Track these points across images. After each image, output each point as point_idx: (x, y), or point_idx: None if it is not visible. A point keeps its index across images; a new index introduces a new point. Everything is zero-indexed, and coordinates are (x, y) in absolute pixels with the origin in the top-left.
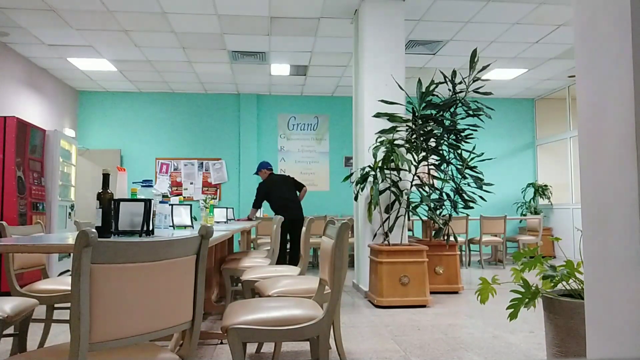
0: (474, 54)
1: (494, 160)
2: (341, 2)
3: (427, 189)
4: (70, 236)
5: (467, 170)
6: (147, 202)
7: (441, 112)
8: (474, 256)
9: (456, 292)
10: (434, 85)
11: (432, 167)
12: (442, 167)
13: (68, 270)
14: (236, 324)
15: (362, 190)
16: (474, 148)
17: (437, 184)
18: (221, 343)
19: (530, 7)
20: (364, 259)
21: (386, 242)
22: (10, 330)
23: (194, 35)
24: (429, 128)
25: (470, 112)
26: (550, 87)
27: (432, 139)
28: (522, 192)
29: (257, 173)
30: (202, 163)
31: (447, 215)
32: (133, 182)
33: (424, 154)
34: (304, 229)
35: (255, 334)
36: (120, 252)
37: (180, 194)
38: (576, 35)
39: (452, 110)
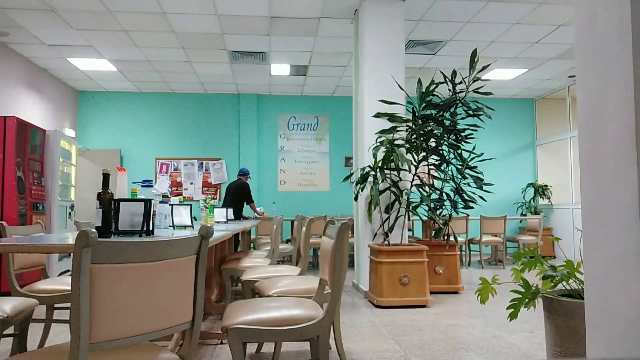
0: (474, 54)
1: (494, 160)
2: (341, 2)
3: (427, 189)
4: (70, 236)
5: (467, 170)
6: (147, 202)
7: (441, 112)
8: (474, 256)
9: (456, 292)
10: (434, 85)
11: (432, 167)
12: (442, 167)
13: (68, 270)
14: (236, 324)
15: (362, 190)
16: (474, 148)
17: (437, 184)
18: (221, 343)
19: (530, 7)
20: (364, 259)
21: (386, 242)
22: (10, 330)
23: (194, 35)
24: (429, 128)
25: (470, 112)
26: (550, 87)
27: (432, 139)
28: (522, 192)
29: None
30: (202, 163)
31: (447, 215)
32: (133, 182)
33: (424, 154)
34: (303, 229)
35: (255, 334)
36: (120, 252)
37: (180, 194)
38: (576, 35)
39: (452, 110)
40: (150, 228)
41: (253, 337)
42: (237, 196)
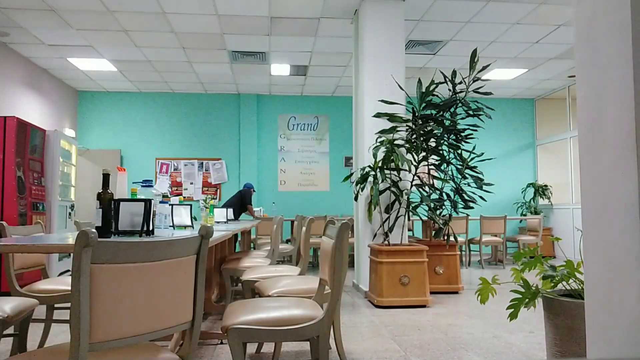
0: (474, 54)
1: (494, 160)
2: (341, 2)
3: (427, 189)
4: (70, 236)
5: (467, 170)
6: (147, 202)
7: (441, 112)
8: (474, 256)
9: (456, 292)
10: (434, 85)
11: (432, 167)
12: (442, 167)
13: (68, 270)
14: (236, 324)
15: (362, 190)
16: (474, 148)
17: (437, 184)
18: (221, 343)
19: (530, 7)
20: (364, 259)
21: (386, 242)
22: (10, 330)
23: (194, 35)
24: (429, 128)
25: (470, 112)
26: (550, 87)
27: (432, 139)
28: (522, 192)
29: None
30: (202, 163)
31: (447, 215)
32: (133, 182)
33: (424, 154)
34: (303, 229)
35: (255, 334)
36: (120, 252)
37: (180, 194)
38: (576, 35)
39: (452, 110)
40: (150, 228)
41: (253, 337)
42: (240, 199)
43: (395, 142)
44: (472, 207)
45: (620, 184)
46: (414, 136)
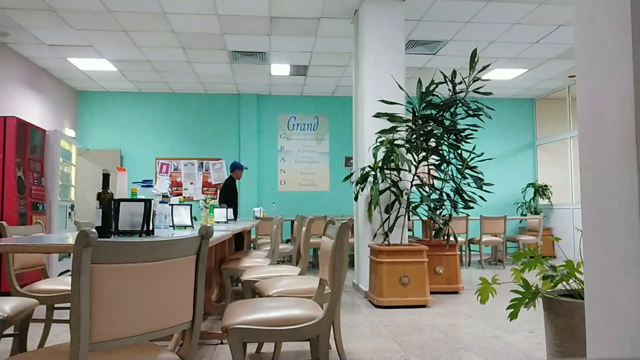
0: (474, 54)
1: (494, 160)
2: (341, 2)
3: (427, 189)
4: (70, 236)
5: (467, 170)
6: (147, 202)
7: (441, 112)
8: (474, 256)
9: (456, 292)
10: (434, 85)
11: (432, 167)
12: (442, 167)
13: (68, 270)
14: (236, 324)
15: (362, 190)
16: (474, 148)
17: (437, 184)
18: (221, 343)
19: (530, 7)
20: (364, 259)
21: (386, 242)
22: (10, 330)
23: (194, 35)
24: (429, 128)
25: (470, 112)
26: (550, 87)
27: (432, 139)
28: (522, 192)
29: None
30: (202, 163)
31: (447, 215)
32: (133, 182)
33: (424, 154)
34: (303, 229)
35: (255, 334)
36: (120, 252)
37: (180, 194)
38: (576, 35)
39: (452, 110)
40: (150, 228)
41: (253, 337)
42: (221, 197)
43: (395, 142)
44: (472, 207)
45: (620, 184)
46: (414, 136)
